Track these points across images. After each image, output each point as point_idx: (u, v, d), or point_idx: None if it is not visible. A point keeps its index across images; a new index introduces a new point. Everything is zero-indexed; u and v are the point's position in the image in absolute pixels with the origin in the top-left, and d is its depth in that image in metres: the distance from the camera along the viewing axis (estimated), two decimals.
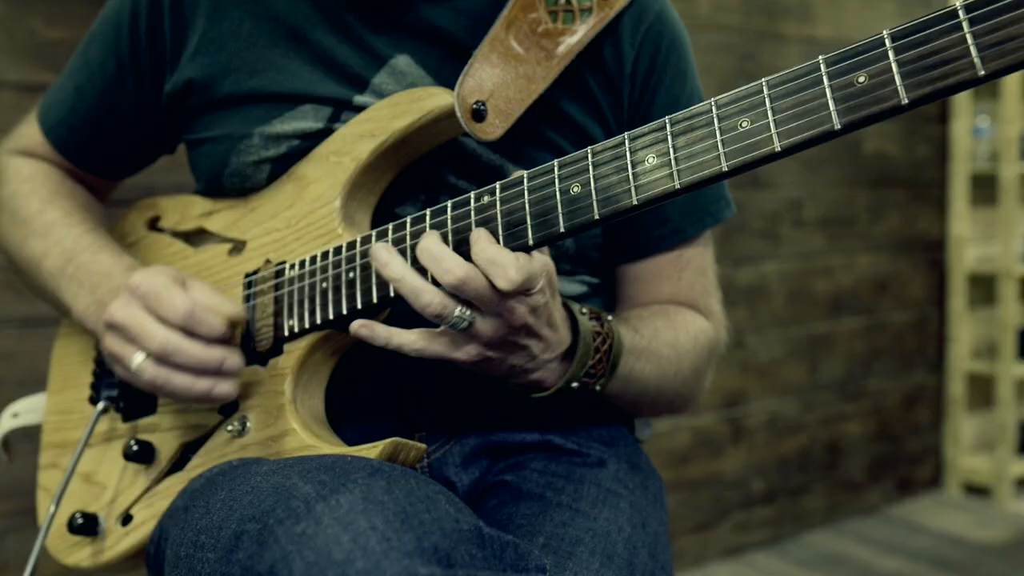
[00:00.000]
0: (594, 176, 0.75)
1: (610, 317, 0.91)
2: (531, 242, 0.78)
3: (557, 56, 0.93)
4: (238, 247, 0.99)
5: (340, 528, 0.63)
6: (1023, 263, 3.57)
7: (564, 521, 0.87)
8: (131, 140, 1.09)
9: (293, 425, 0.88)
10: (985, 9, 0.62)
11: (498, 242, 0.79)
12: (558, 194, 0.77)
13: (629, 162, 0.74)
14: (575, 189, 0.76)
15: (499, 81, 0.91)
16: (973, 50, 0.62)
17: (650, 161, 0.73)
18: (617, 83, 0.99)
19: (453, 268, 0.76)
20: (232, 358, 0.87)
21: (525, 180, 0.79)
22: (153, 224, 1.10)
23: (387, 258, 0.81)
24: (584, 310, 0.88)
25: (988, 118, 3.56)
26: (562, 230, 0.77)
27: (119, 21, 1.03)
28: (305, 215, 0.94)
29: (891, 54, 0.65)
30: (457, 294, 0.78)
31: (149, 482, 0.97)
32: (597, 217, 0.75)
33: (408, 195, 0.96)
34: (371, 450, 0.81)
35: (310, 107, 0.95)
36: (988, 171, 3.56)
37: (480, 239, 0.78)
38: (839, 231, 3.29)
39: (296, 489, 0.69)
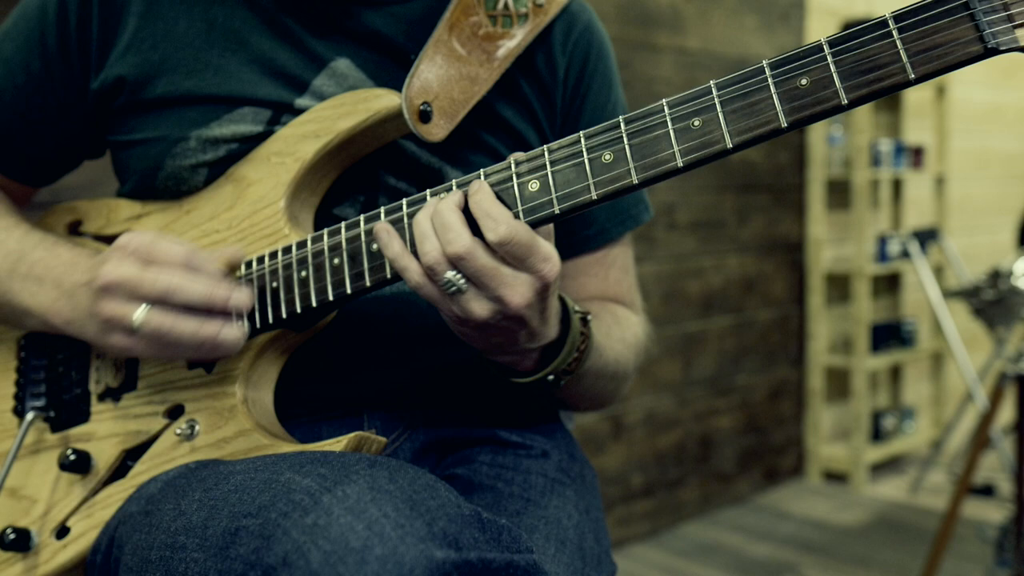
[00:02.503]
0: (552, 172, 0.78)
1: (591, 317, 0.92)
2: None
3: (498, 59, 0.96)
4: None
5: (353, 517, 0.64)
6: (874, 263, 3.82)
7: (518, 510, 0.89)
8: (56, 143, 1.05)
9: (247, 425, 0.87)
10: (911, 20, 0.68)
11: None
12: (516, 189, 0.79)
13: (587, 159, 0.77)
14: (533, 185, 0.78)
15: (444, 81, 0.93)
16: (903, 56, 0.68)
17: (606, 158, 0.76)
18: (550, 89, 1.03)
19: (458, 239, 0.74)
20: (240, 293, 0.83)
21: (482, 176, 0.80)
22: (74, 228, 1.05)
23: (387, 239, 0.79)
24: (577, 308, 0.89)
25: (841, 127, 3.80)
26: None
27: (43, 19, 0.99)
28: (247, 216, 0.93)
29: (830, 59, 0.70)
30: (458, 267, 0.75)
31: (87, 492, 0.93)
32: (557, 212, 0.77)
33: (347, 196, 0.96)
34: (336, 444, 0.82)
35: (249, 110, 0.94)
36: (842, 177, 3.80)
37: (481, 189, 0.77)
38: (709, 234, 3.44)
39: (294, 483, 0.69)
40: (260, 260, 0.90)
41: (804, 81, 0.71)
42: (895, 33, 0.68)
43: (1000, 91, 4.79)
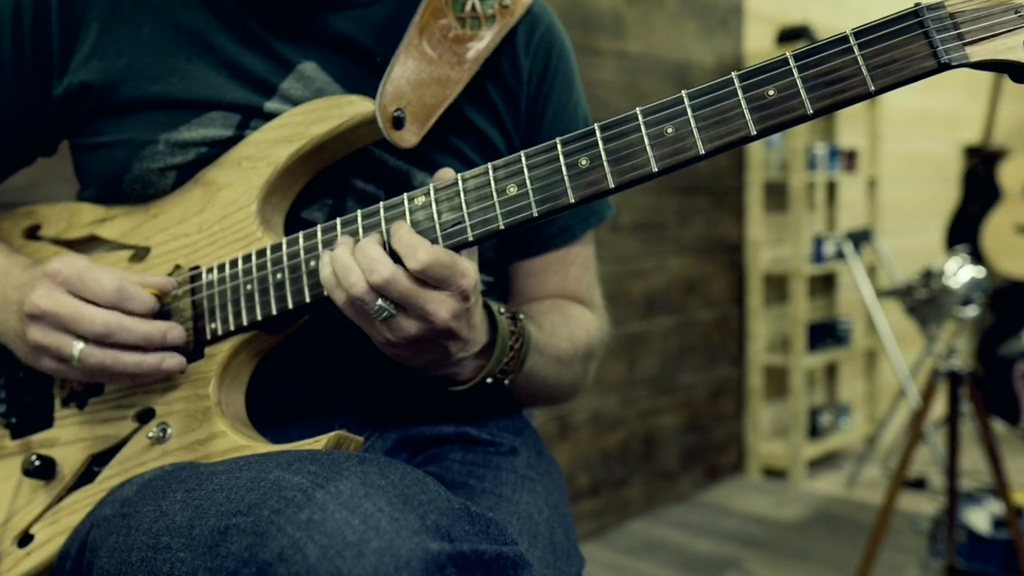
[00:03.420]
0: (530, 177, 0.80)
1: (522, 316, 0.95)
2: (470, 237, 0.82)
3: (468, 61, 0.98)
4: (140, 254, 0.97)
5: (348, 512, 0.65)
6: (810, 264, 3.92)
7: (491, 506, 0.91)
8: (10, 144, 1.04)
9: (222, 427, 0.87)
10: (871, 36, 0.72)
11: (438, 240, 0.83)
12: (495, 194, 0.81)
13: (564, 164, 0.80)
14: (511, 189, 0.81)
15: (416, 85, 0.94)
16: (864, 70, 0.72)
17: (583, 163, 0.79)
18: (515, 91, 1.05)
19: (382, 269, 0.79)
20: (175, 330, 0.89)
21: (460, 182, 0.83)
22: (31, 233, 1.04)
23: (326, 258, 0.83)
24: (502, 310, 0.92)
25: None
26: (501, 227, 0.81)
27: None
28: (218, 219, 0.93)
29: (795, 72, 0.74)
30: (385, 294, 0.80)
31: (51, 498, 0.93)
32: (536, 214, 0.80)
33: (314, 200, 0.97)
34: (316, 444, 0.83)
35: (218, 114, 0.95)
36: (779, 180, 3.89)
37: (400, 228, 0.82)
38: (651, 235, 3.49)
39: (285, 481, 0.70)
40: (234, 263, 0.90)
41: (772, 92, 0.74)
42: (856, 49, 0.72)
43: (928, 96, 4.94)
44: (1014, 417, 2.65)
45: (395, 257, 0.81)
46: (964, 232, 4.23)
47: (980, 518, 2.83)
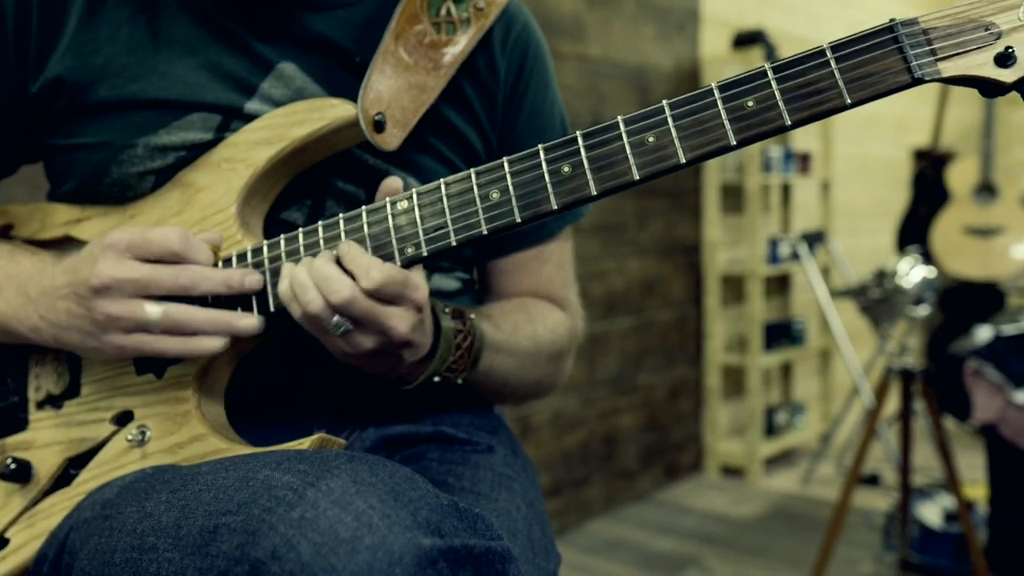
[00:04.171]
0: (512, 184, 0.82)
1: (472, 315, 0.97)
2: (454, 242, 0.83)
3: (444, 66, 0.99)
4: None
5: (340, 509, 0.66)
6: (766, 264, 3.98)
7: (470, 504, 0.92)
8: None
9: (202, 430, 0.88)
10: (848, 50, 0.74)
11: (420, 246, 0.84)
12: (478, 200, 0.83)
13: (546, 171, 0.81)
14: (494, 195, 0.82)
15: (395, 92, 0.95)
16: (841, 83, 0.74)
17: (565, 170, 0.80)
18: (492, 91, 1.06)
19: (341, 289, 0.81)
20: (252, 274, 0.88)
21: (443, 187, 0.84)
22: (3, 233, 1.03)
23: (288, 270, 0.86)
24: (447, 309, 0.94)
25: None
26: (484, 232, 0.83)
27: None
28: (198, 221, 0.93)
29: (774, 84, 0.76)
30: (345, 313, 0.82)
31: (27, 502, 0.92)
32: (519, 220, 0.82)
33: (294, 201, 0.97)
34: (299, 445, 0.83)
35: (198, 116, 0.94)
36: (735, 182, 3.94)
37: (350, 249, 0.84)
38: (611, 237, 3.52)
39: (275, 480, 0.70)
40: (214, 266, 0.90)
41: (751, 103, 0.76)
42: (833, 62, 0.74)
43: (878, 101, 5.03)
44: (964, 414, 2.72)
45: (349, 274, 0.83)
46: (914, 233, 4.33)
47: (932, 513, 2.90)
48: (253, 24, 0.98)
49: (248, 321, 0.87)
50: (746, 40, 3.86)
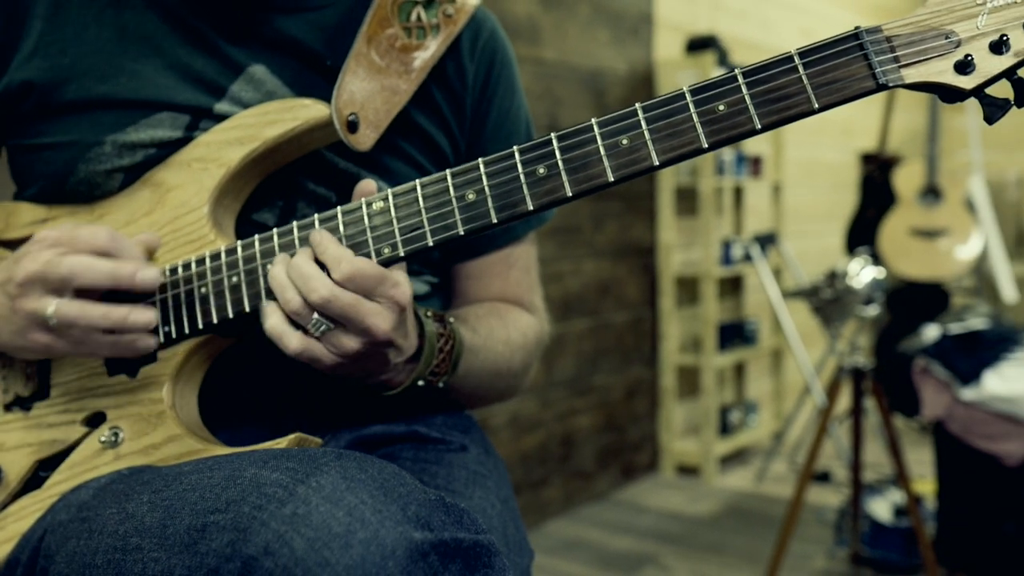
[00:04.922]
0: (488, 185, 0.83)
1: (451, 319, 0.98)
2: (431, 242, 0.84)
3: (415, 70, 1.00)
4: None
5: (331, 505, 0.66)
6: (720, 266, 4.04)
7: None
8: None
9: (177, 431, 0.87)
10: (815, 56, 0.76)
11: (397, 247, 0.85)
12: (455, 200, 0.83)
13: (522, 173, 0.82)
14: (470, 196, 0.83)
15: (368, 93, 0.96)
16: (809, 88, 0.76)
17: (540, 172, 0.82)
18: (461, 96, 1.07)
19: (319, 287, 0.81)
20: (147, 270, 0.87)
21: (419, 188, 0.85)
22: None
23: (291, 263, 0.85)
24: (428, 313, 0.95)
25: None
26: (461, 232, 0.83)
27: None
28: (169, 221, 0.93)
29: (744, 88, 0.77)
30: (324, 312, 0.82)
31: None
32: (495, 220, 0.83)
33: (266, 202, 0.97)
34: (276, 444, 0.84)
35: (167, 115, 0.94)
36: (689, 184, 3.99)
37: (323, 240, 0.84)
38: (567, 239, 3.55)
39: (263, 478, 0.70)
40: (187, 266, 0.90)
41: (722, 107, 0.77)
42: (801, 68, 0.76)
43: None
44: (913, 411, 2.79)
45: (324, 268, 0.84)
46: (862, 235, 4.42)
47: (882, 508, 2.97)
48: (223, 25, 0.98)
49: (138, 316, 0.86)
50: (699, 45, 3.91)
